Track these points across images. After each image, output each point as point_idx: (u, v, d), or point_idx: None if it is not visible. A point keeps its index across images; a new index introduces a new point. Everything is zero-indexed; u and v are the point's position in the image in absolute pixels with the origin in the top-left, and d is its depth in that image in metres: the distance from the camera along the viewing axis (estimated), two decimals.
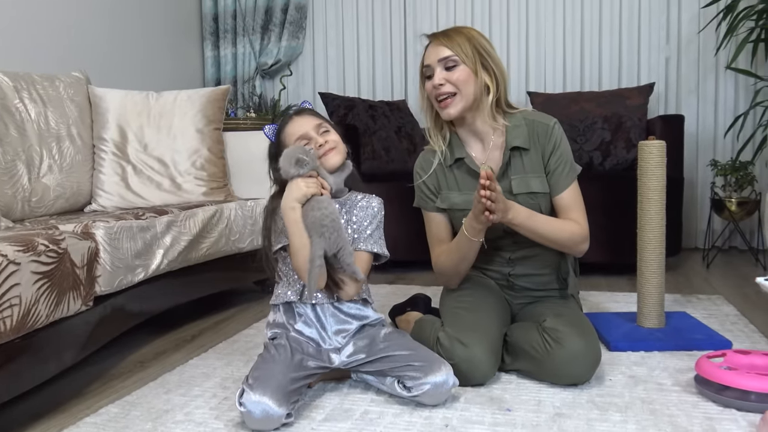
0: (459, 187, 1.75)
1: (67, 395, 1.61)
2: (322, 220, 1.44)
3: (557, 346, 1.52)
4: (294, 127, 1.61)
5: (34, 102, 2.29)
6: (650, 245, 1.93)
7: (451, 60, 1.65)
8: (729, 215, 3.13)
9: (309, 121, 1.61)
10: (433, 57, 1.68)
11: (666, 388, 1.54)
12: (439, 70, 1.65)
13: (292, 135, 1.60)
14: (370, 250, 1.58)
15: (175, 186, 2.49)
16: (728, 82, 3.50)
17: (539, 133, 1.71)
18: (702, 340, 1.83)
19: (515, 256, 1.77)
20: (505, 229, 1.70)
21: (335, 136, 1.61)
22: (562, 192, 1.71)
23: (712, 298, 2.44)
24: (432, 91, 1.68)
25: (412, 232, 3.06)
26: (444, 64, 1.65)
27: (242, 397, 1.35)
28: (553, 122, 1.72)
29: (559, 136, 1.71)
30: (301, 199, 1.46)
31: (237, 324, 2.25)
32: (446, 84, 1.65)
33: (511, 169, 1.71)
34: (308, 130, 1.58)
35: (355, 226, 1.59)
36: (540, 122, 1.71)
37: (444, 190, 1.77)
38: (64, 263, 1.48)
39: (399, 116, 3.53)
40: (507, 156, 1.71)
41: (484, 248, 1.69)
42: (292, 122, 1.62)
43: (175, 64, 3.86)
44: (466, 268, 1.74)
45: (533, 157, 1.71)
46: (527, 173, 1.71)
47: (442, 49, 1.66)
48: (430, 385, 1.42)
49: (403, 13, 3.93)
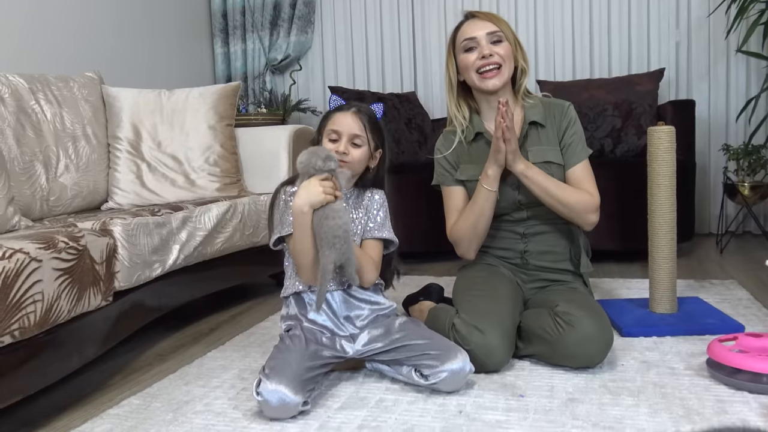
0: (477, 159, 1.82)
1: (90, 388, 1.65)
2: (335, 231, 1.43)
3: (570, 329, 1.54)
4: (340, 118, 1.60)
5: (50, 103, 2.34)
6: (661, 231, 1.94)
7: (497, 35, 1.76)
8: (742, 200, 3.11)
9: (353, 125, 1.59)
10: (480, 30, 1.76)
11: (678, 372, 1.56)
12: (486, 42, 1.74)
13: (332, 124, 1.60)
14: (382, 236, 1.61)
15: (189, 182, 2.53)
16: (739, 65, 3.47)
17: (555, 112, 1.82)
18: (714, 325, 1.84)
19: (529, 231, 1.83)
20: (519, 200, 1.78)
21: (360, 152, 1.59)
22: (575, 165, 1.80)
23: (726, 282, 2.44)
24: (476, 63, 1.75)
25: (424, 223, 3.09)
26: (491, 38, 1.75)
27: (259, 386, 1.38)
28: (568, 104, 1.85)
29: (573, 115, 1.83)
30: (316, 205, 1.45)
31: (253, 317, 2.29)
32: (495, 55, 1.74)
33: (528, 141, 1.80)
34: (343, 133, 1.58)
35: (365, 217, 1.62)
36: (556, 103, 1.84)
37: (463, 164, 1.85)
38: (84, 259, 1.52)
39: (409, 108, 3.55)
40: (525, 129, 1.80)
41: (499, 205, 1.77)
42: (344, 115, 1.60)
43: (186, 62, 3.90)
44: (484, 228, 1.78)
45: (549, 133, 1.81)
46: (543, 145, 1.80)
47: (488, 24, 1.76)
48: (448, 372, 1.44)
49: (410, 4, 3.94)
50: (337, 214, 1.44)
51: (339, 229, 1.43)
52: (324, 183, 1.46)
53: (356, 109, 1.61)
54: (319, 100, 4.08)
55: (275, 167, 2.67)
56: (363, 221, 1.63)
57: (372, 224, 1.63)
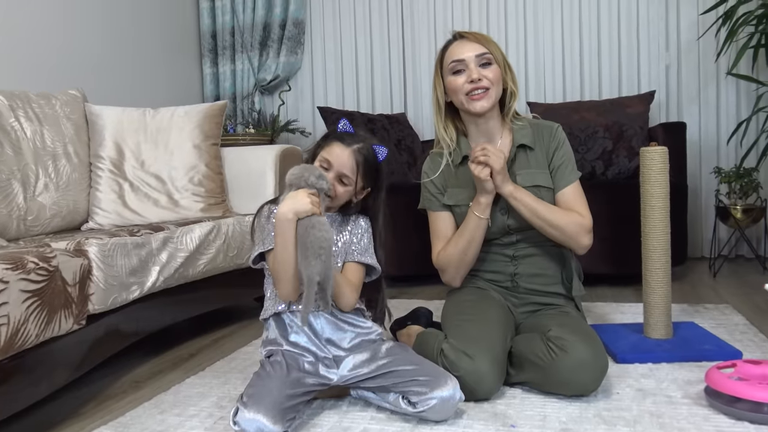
0: (465, 183, 1.78)
1: (61, 417, 1.57)
2: (321, 242, 1.38)
3: (563, 354, 1.48)
4: (338, 150, 1.52)
5: (30, 120, 2.28)
6: (655, 253, 1.89)
7: (486, 57, 1.71)
8: (735, 223, 3.08)
9: (347, 163, 1.52)
10: (468, 52, 1.71)
11: (675, 400, 1.50)
12: (475, 65, 1.70)
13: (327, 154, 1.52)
14: (364, 261, 1.56)
15: (172, 202, 2.46)
16: (729, 88, 3.47)
17: (544, 134, 1.79)
18: (711, 351, 1.78)
19: (518, 253, 1.78)
20: (508, 225, 1.75)
21: (345, 191, 1.53)
22: (565, 188, 1.75)
23: (720, 307, 2.39)
24: (464, 86, 1.71)
25: (413, 246, 3.03)
26: (480, 60, 1.70)
27: (237, 415, 1.31)
28: (557, 126, 1.81)
29: (562, 137, 1.80)
30: (302, 214, 1.40)
31: (236, 341, 2.21)
32: (483, 79, 1.69)
33: (516, 164, 1.76)
34: (335, 167, 1.51)
35: (348, 240, 1.57)
36: (544, 125, 1.81)
37: (451, 188, 1.81)
38: (55, 281, 1.45)
39: (399, 129, 3.51)
40: (513, 152, 1.76)
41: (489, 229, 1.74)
42: (343, 149, 1.53)
43: (174, 82, 3.86)
44: (473, 256, 1.74)
45: (538, 156, 1.77)
46: (532, 168, 1.76)
47: (477, 46, 1.71)
48: (437, 399, 1.38)
49: (401, 26, 3.93)
50: (324, 227, 1.41)
51: (325, 241, 1.39)
52: (312, 196, 1.42)
53: (357, 148, 1.53)
54: (308, 121, 4.05)
55: (262, 187, 2.61)
56: (346, 245, 1.57)
57: (355, 248, 1.57)
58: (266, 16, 4.02)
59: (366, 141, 1.56)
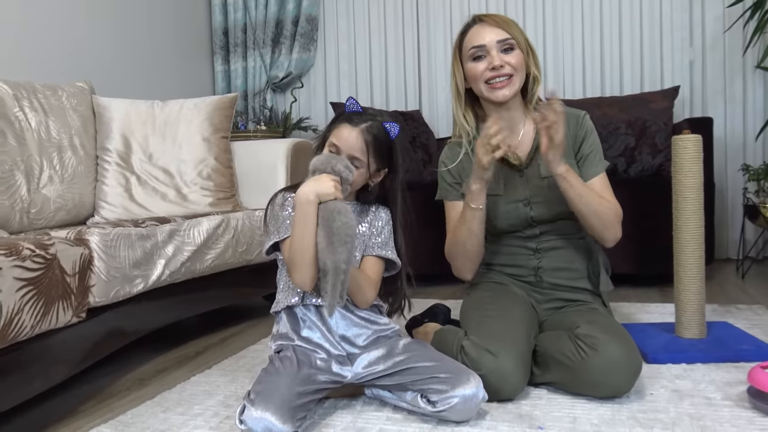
0: None
1: (58, 415, 1.49)
2: (347, 230, 1.29)
3: (593, 353, 1.37)
4: (345, 133, 1.41)
5: (35, 111, 2.21)
6: (688, 248, 1.78)
7: (508, 43, 1.61)
8: (764, 222, 2.95)
9: (356, 144, 1.40)
10: (489, 37, 1.61)
11: (715, 402, 1.39)
12: (496, 51, 1.61)
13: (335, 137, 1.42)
14: (385, 255, 1.46)
15: (180, 197, 2.39)
16: (757, 82, 3.35)
17: (570, 122, 1.66)
18: (749, 351, 1.67)
19: (542, 246, 1.69)
20: (531, 216, 1.66)
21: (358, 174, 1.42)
22: (593, 178, 1.67)
23: (753, 307, 2.27)
24: (485, 73, 1.62)
25: (429, 244, 2.93)
26: (501, 46, 1.61)
27: (243, 413, 1.22)
28: (584, 113, 1.71)
29: (590, 126, 1.70)
30: (324, 197, 1.30)
31: (245, 340, 2.12)
32: (506, 66, 1.60)
33: (540, 154, 1.63)
34: (344, 151, 1.41)
35: (368, 232, 1.47)
36: (571, 112, 1.69)
37: (469, 177, 1.68)
38: (53, 270, 1.37)
39: (413, 126, 3.42)
40: (537, 142, 1.65)
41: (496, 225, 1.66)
42: (351, 130, 1.41)
43: (186, 79, 3.80)
44: (475, 249, 1.65)
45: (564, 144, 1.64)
46: None
47: (499, 31, 1.62)
48: (459, 398, 1.28)
49: (416, 23, 3.84)
50: (349, 215, 1.31)
51: (351, 228, 1.29)
52: (336, 182, 1.33)
53: (366, 128, 1.41)
54: (320, 119, 3.97)
55: (272, 182, 2.53)
56: (365, 237, 1.47)
57: (375, 241, 1.47)
58: (279, 13, 3.95)
59: (376, 119, 1.44)
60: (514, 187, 1.68)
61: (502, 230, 1.71)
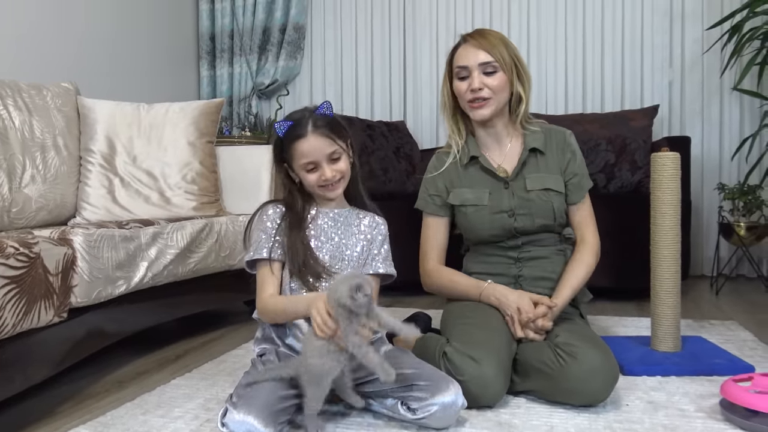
0: (471, 184, 1.75)
1: (36, 415, 1.47)
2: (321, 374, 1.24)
3: (572, 361, 1.40)
4: (306, 146, 1.42)
5: (19, 110, 2.20)
6: (665, 262, 1.82)
7: (491, 66, 1.65)
8: (738, 240, 3.02)
9: (323, 145, 1.42)
10: (472, 60, 1.65)
11: (689, 414, 1.42)
12: (477, 74, 1.65)
13: (301, 156, 1.43)
14: (384, 271, 1.51)
15: (164, 200, 2.38)
16: (733, 104, 3.43)
17: (556, 140, 1.75)
18: (722, 365, 1.71)
19: (523, 255, 1.73)
20: (515, 227, 1.71)
21: (344, 163, 1.46)
22: (580, 202, 1.74)
23: (726, 323, 2.32)
24: (466, 94, 1.67)
25: (410, 254, 2.95)
26: (483, 68, 1.65)
27: (225, 416, 1.23)
28: (569, 132, 1.78)
29: (576, 146, 1.77)
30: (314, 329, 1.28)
31: (225, 344, 2.12)
32: (484, 89, 1.65)
33: (526, 168, 1.72)
34: (320, 159, 1.42)
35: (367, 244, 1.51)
36: (556, 131, 1.77)
37: (456, 188, 1.76)
38: (36, 269, 1.36)
39: (398, 137, 3.45)
40: (524, 156, 1.72)
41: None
42: (306, 140, 1.42)
43: (171, 83, 3.79)
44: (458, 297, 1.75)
45: (549, 161, 1.73)
46: (542, 173, 1.71)
47: (482, 54, 1.65)
48: (438, 406, 1.29)
49: (402, 34, 3.88)
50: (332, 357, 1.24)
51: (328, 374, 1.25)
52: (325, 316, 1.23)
53: (313, 124, 1.42)
54: None
55: (256, 187, 2.53)
56: (365, 249, 1.50)
57: (377, 256, 1.52)
58: (266, 20, 3.97)
59: (308, 112, 1.45)
60: (499, 198, 1.71)
61: (484, 240, 1.74)
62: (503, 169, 1.73)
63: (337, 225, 1.50)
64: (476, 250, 1.79)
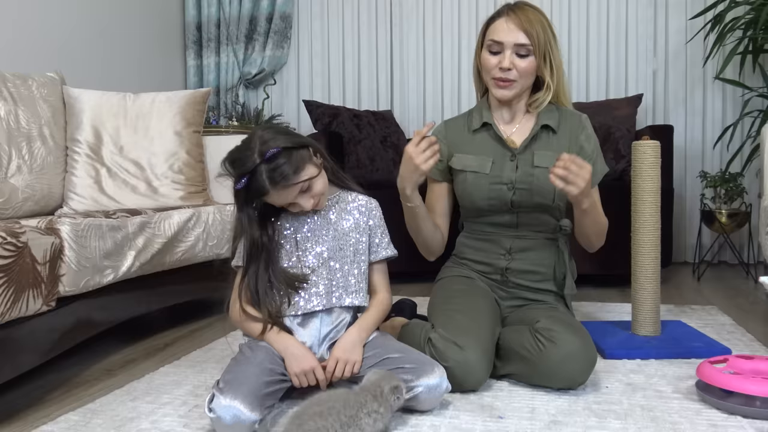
0: (477, 150, 1.74)
1: (25, 402, 1.49)
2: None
3: (551, 346, 1.43)
4: (273, 198, 1.39)
5: (5, 100, 2.19)
6: (645, 248, 1.86)
7: (525, 48, 1.62)
8: (719, 227, 3.08)
9: (289, 193, 1.38)
10: (509, 37, 1.62)
11: (666, 395, 1.46)
12: (510, 53, 1.62)
13: (275, 201, 1.42)
14: (390, 256, 1.56)
15: (151, 189, 2.39)
16: (716, 93, 3.48)
17: (570, 121, 1.73)
18: (701, 348, 1.75)
19: (515, 245, 1.72)
20: (512, 200, 1.69)
21: (320, 184, 1.42)
22: (594, 186, 1.71)
23: (706, 308, 2.37)
24: (494, 70, 1.65)
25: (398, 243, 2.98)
26: (517, 50, 1.62)
27: (212, 402, 1.25)
28: (585, 116, 1.76)
29: (590, 129, 1.75)
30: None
31: (214, 333, 2.14)
32: (513, 70, 1.63)
33: (536, 143, 1.71)
34: (291, 200, 1.41)
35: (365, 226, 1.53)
36: (572, 113, 1.75)
37: (461, 153, 1.75)
38: (24, 258, 1.37)
39: (385, 126, 3.47)
40: (535, 130, 1.71)
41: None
42: (270, 196, 1.38)
43: (157, 73, 3.78)
44: (428, 240, 1.72)
45: (561, 140, 1.72)
46: (552, 151, 1.69)
47: (520, 34, 1.61)
48: (423, 387, 1.32)
49: (389, 24, 3.89)
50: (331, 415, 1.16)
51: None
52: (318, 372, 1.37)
53: (270, 179, 1.34)
54: (293, 116, 3.99)
55: None
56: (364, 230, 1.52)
57: (378, 243, 1.55)
58: (253, 9, 3.96)
59: (259, 165, 1.34)
60: (502, 168, 1.69)
61: (480, 208, 1.72)
62: (512, 140, 1.72)
63: (329, 206, 1.51)
64: (470, 228, 1.78)
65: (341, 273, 1.47)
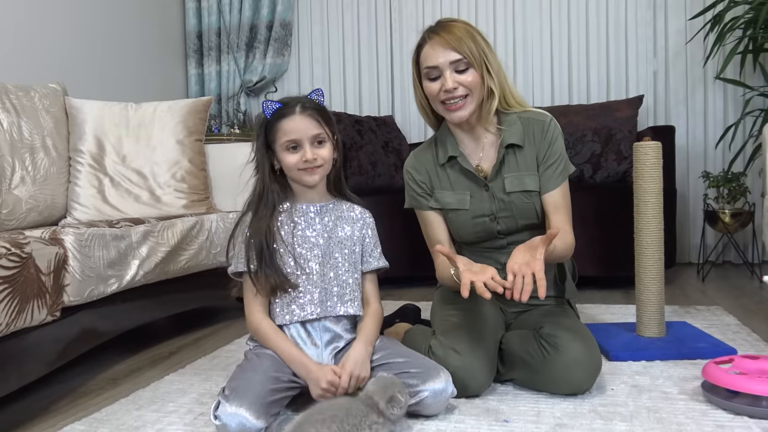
0: (452, 186, 1.67)
1: (31, 413, 1.49)
2: None
3: (555, 352, 1.43)
4: (291, 124, 1.42)
5: (7, 112, 2.21)
6: (648, 250, 1.86)
7: (462, 63, 1.53)
8: (723, 227, 3.07)
9: (309, 126, 1.41)
10: (442, 58, 1.54)
11: (672, 396, 1.45)
12: (450, 72, 1.54)
13: (284, 134, 1.42)
14: (381, 267, 1.56)
15: (154, 198, 2.40)
16: (717, 93, 3.47)
17: (535, 130, 1.63)
18: (706, 349, 1.75)
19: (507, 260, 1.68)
20: (498, 230, 1.66)
21: (327, 150, 1.44)
22: (553, 190, 1.62)
23: (711, 308, 2.36)
24: (440, 95, 1.56)
25: (400, 248, 2.98)
26: (455, 67, 1.54)
27: (218, 409, 1.25)
28: (549, 119, 1.65)
29: (555, 133, 1.63)
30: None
31: (218, 341, 2.14)
32: (459, 87, 1.54)
33: (505, 167, 1.63)
34: (302, 138, 1.41)
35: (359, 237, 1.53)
36: (535, 119, 1.64)
37: (437, 189, 1.69)
38: (28, 268, 1.38)
39: (386, 131, 3.47)
40: (501, 154, 1.62)
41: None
42: (292, 120, 1.42)
43: (159, 82, 3.79)
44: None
45: (528, 155, 1.63)
46: (521, 171, 1.63)
47: (451, 52, 1.53)
48: (429, 392, 1.32)
49: (389, 29, 3.90)
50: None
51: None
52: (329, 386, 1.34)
53: (301, 107, 1.42)
54: None
55: (246, 184, 2.54)
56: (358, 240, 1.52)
57: (371, 254, 1.55)
58: (253, 17, 3.97)
59: (300, 98, 1.46)
60: (480, 201, 1.64)
61: (469, 241, 1.70)
62: (482, 168, 1.66)
63: (326, 212, 1.51)
64: (464, 248, 1.75)
65: (336, 281, 1.47)
